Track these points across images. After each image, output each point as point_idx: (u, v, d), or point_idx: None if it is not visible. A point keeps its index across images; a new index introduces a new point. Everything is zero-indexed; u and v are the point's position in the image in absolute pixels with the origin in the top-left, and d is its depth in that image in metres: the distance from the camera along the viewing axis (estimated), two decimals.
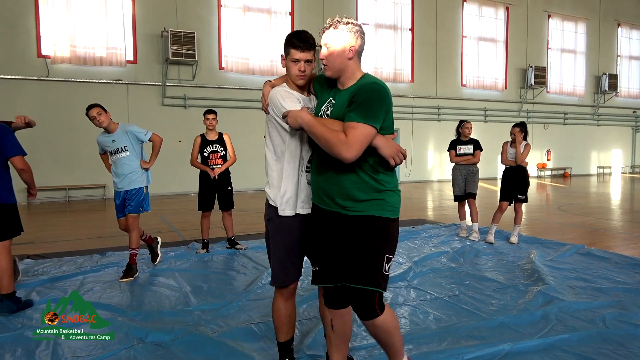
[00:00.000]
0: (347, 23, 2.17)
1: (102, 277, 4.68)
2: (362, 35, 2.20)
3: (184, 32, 12.89)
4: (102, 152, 4.86)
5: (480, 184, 7.04)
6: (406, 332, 3.20)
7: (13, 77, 11.72)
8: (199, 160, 5.71)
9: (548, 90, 19.89)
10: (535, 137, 19.41)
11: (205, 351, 2.92)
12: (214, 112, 5.66)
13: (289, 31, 14.59)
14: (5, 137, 3.63)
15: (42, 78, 12.01)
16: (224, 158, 5.72)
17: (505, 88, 18.94)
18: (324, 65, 2.21)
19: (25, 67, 11.85)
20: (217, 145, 5.68)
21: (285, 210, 2.37)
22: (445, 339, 3.06)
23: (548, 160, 20.25)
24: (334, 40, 2.16)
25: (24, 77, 11.83)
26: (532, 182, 16.73)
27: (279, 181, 2.37)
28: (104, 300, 3.95)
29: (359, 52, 2.20)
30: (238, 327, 3.29)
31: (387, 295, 3.98)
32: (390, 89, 13.22)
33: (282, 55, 2.38)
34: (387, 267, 2.17)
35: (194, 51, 13.02)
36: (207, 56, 13.83)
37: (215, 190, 5.71)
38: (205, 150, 5.67)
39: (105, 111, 4.59)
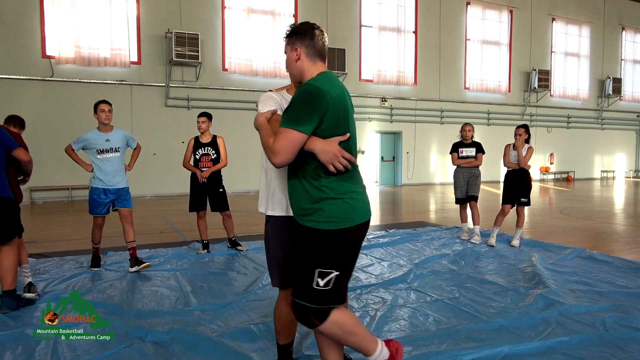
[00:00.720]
0: (289, 30, 2.20)
1: (103, 276, 4.70)
2: (305, 35, 2.15)
3: (187, 33, 12.94)
4: (81, 148, 4.89)
5: (482, 187, 7.04)
6: (405, 334, 3.20)
7: (18, 77, 11.79)
8: (191, 162, 5.74)
9: (551, 93, 19.86)
10: (538, 140, 19.38)
11: (205, 351, 2.92)
12: (205, 115, 5.67)
13: None
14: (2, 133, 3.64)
15: (46, 78, 12.07)
16: (215, 161, 5.71)
17: (509, 91, 18.91)
18: None
19: (30, 68, 11.92)
20: (209, 148, 5.70)
21: (276, 210, 2.39)
22: (444, 341, 3.05)
23: (551, 163, 20.20)
24: (285, 49, 2.23)
25: (28, 78, 11.89)
26: (535, 186, 16.70)
27: (269, 181, 2.41)
28: (104, 299, 3.96)
29: (308, 53, 2.16)
30: (237, 327, 3.29)
31: (388, 297, 3.98)
32: (394, 91, 13.22)
33: None
34: (320, 282, 2.04)
35: (198, 52, 13.06)
36: (211, 57, 13.88)
37: (206, 192, 5.72)
38: (197, 152, 5.71)
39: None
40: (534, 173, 19.54)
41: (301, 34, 2.16)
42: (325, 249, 2.04)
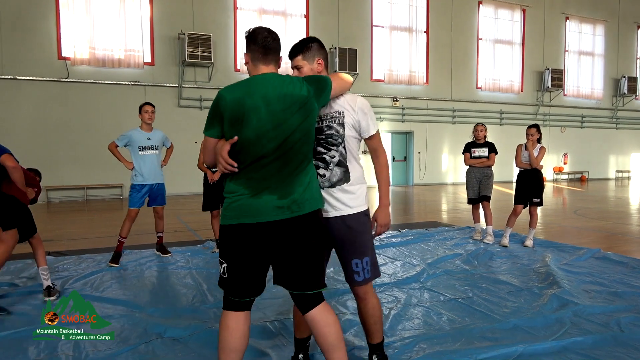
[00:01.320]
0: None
1: (121, 274, 4.78)
2: (249, 40, 2.23)
3: (200, 34, 13.06)
4: (124, 145, 5.19)
5: (495, 187, 7.01)
6: (420, 332, 3.23)
7: (35, 78, 11.99)
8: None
9: (565, 93, 19.68)
10: (551, 140, 19.21)
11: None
12: None
13: (304, 34, 14.76)
14: None
15: (62, 79, 12.27)
16: None
17: (522, 91, 18.79)
18: None
19: (46, 69, 12.13)
20: None
21: None
22: (458, 340, 3.07)
23: (565, 163, 20.02)
24: None
25: (44, 79, 12.10)
26: (548, 186, 16.57)
27: None
28: (123, 297, 4.04)
29: (252, 57, 2.22)
30: (254, 324, 3.33)
31: (401, 296, 4.01)
32: (405, 91, 13.18)
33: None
34: (220, 268, 2.21)
35: (210, 53, 13.18)
36: (223, 58, 13.99)
37: (218, 192, 5.78)
38: None
39: None
40: (548, 173, 19.38)
41: (247, 39, 2.23)
42: (219, 239, 2.24)
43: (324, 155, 2.37)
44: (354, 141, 2.42)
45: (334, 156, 2.37)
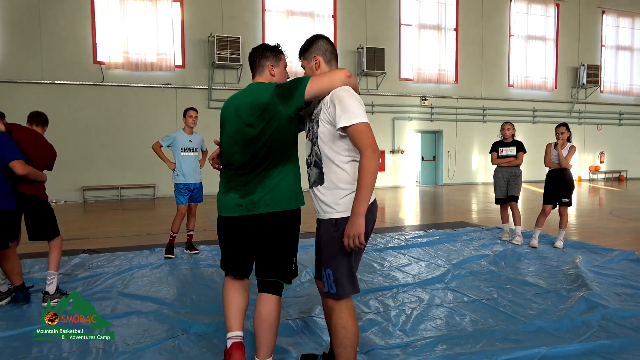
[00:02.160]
0: None
1: (151, 271, 4.94)
2: None
3: (229, 37, 13.27)
4: (167, 145, 5.53)
5: (526, 186, 6.86)
6: (441, 333, 3.22)
7: (72, 82, 12.46)
8: None
9: (602, 89, 19.03)
10: (587, 138, 18.63)
11: (245, 343, 3.04)
12: None
13: (331, 34, 14.78)
14: (1, 142, 3.56)
15: (97, 83, 12.70)
16: None
17: (556, 88, 18.28)
18: None
19: (82, 73, 12.59)
20: None
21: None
22: (480, 341, 3.05)
23: (601, 162, 19.36)
24: None
25: (81, 83, 12.56)
26: (584, 186, 16.08)
27: None
28: (152, 293, 4.17)
29: None
30: None
31: (425, 296, 4.00)
32: (434, 90, 13.12)
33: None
34: None
35: (239, 55, 13.37)
36: None
37: None
38: None
39: None
40: (583, 172, 18.80)
41: None
42: None
43: (308, 155, 2.38)
44: (334, 139, 2.18)
45: (312, 156, 2.31)
